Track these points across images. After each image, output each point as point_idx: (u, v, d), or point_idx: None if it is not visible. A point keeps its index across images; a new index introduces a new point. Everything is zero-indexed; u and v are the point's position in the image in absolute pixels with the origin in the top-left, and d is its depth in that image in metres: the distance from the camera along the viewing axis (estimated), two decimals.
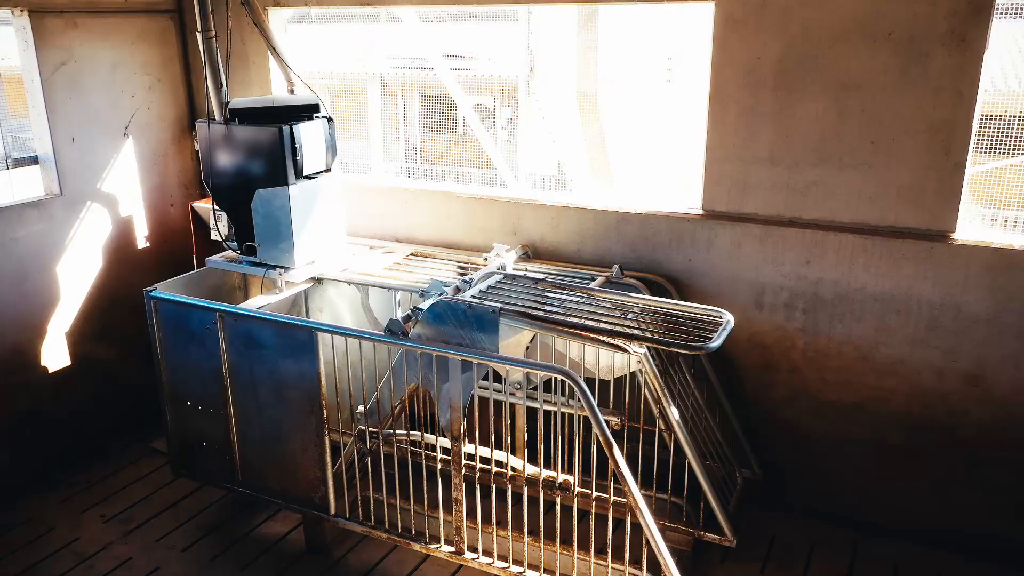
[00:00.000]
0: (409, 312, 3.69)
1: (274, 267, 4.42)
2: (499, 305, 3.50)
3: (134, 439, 5.33)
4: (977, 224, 3.95)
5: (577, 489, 3.50)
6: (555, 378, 3.61)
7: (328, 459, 4.02)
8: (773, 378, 4.37)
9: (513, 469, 3.69)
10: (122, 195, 5.21)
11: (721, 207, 4.25)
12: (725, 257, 4.27)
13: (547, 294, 3.81)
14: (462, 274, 4.64)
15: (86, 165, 4.97)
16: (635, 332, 3.35)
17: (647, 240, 4.43)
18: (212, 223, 4.87)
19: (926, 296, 3.90)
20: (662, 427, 3.94)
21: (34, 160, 4.86)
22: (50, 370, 4.93)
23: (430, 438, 3.83)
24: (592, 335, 3.38)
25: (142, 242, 5.39)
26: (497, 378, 4.22)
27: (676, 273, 4.40)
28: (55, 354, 4.95)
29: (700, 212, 4.31)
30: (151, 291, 4.30)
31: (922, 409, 4.07)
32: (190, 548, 4.33)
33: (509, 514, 3.80)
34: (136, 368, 5.28)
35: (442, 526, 3.86)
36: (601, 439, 3.27)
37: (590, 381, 4.20)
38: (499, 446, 3.86)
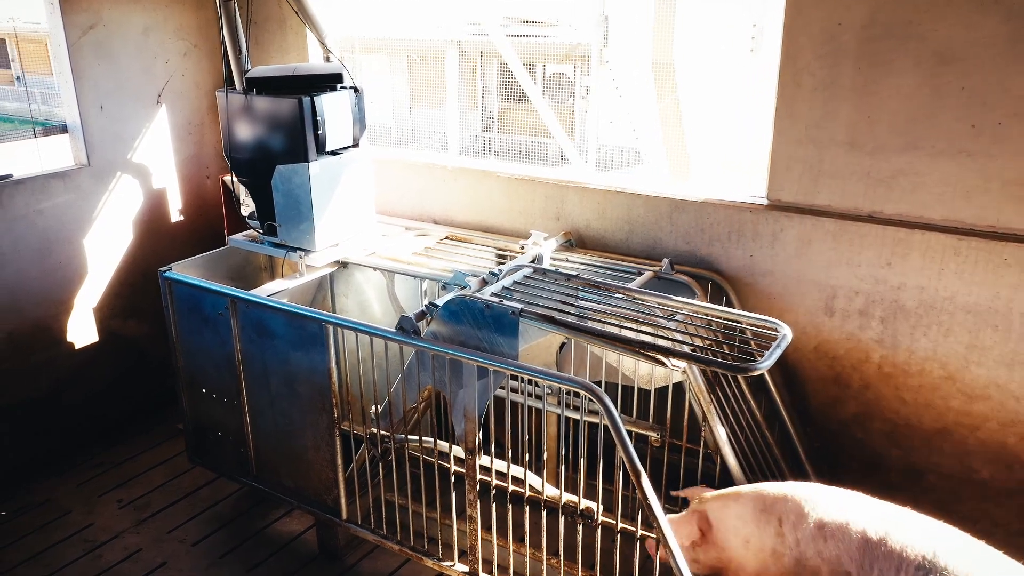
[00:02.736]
0: (424, 308, 3.32)
1: (295, 249, 4.12)
2: (520, 306, 3.09)
3: (161, 418, 5.17)
4: None
5: (601, 519, 3.09)
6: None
7: (340, 461, 3.71)
8: (843, 394, 3.84)
9: (532, 489, 3.30)
10: (154, 166, 5.00)
11: (789, 197, 3.71)
12: (792, 254, 3.74)
13: (579, 293, 3.38)
14: (500, 262, 4.25)
15: (115, 134, 4.77)
16: (671, 346, 2.89)
17: (703, 232, 3.93)
18: (240, 198, 4.61)
19: None
20: (708, 446, 3.49)
21: (63, 129, 4.69)
22: (76, 347, 4.79)
23: (444, 445, 3.47)
24: (622, 346, 2.94)
25: (175, 215, 5.18)
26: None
27: (734, 270, 3.89)
28: (81, 331, 4.80)
29: (764, 202, 3.78)
30: (165, 271, 4.07)
31: (1018, 441, 3.47)
32: (201, 542, 4.12)
33: (527, 534, 3.41)
34: (166, 346, 5.09)
35: (455, 540, 3.51)
36: (627, 466, 2.83)
37: (628, 390, 3.77)
38: (520, 458, 3.47)
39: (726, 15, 8.90)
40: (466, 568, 3.50)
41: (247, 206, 4.46)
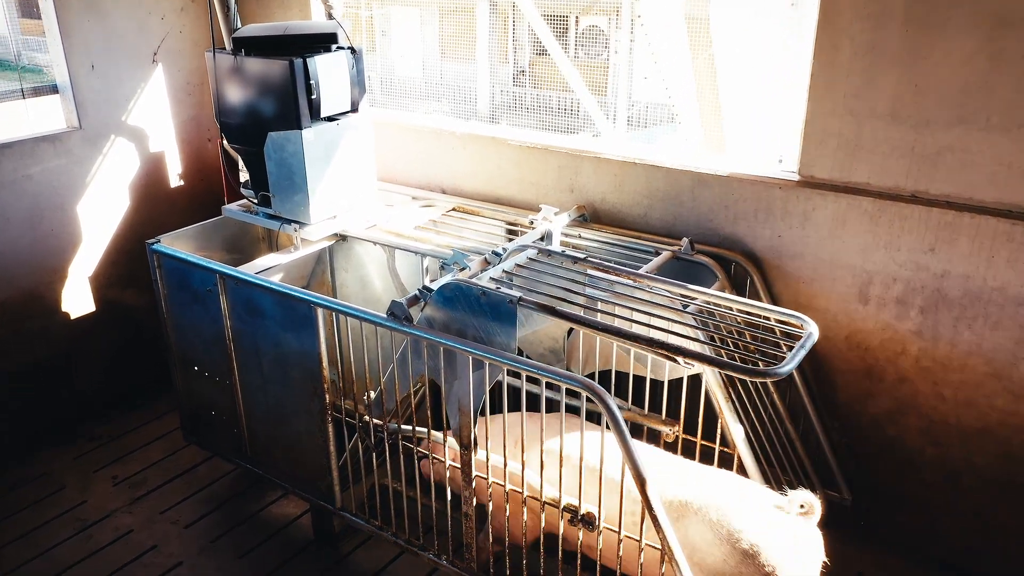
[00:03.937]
0: (417, 292, 3.07)
1: (289, 221, 3.88)
2: (518, 294, 2.82)
3: (164, 388, 5.01)
4: None
5: (603, 526, 2.85)
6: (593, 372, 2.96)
7: (332, 448, 3.51)
8: (876, 387, 3.53)
9: (531, 488, 3.06)
10: (151, 129, 4.77)
11: (823, 173, 3.37)
12: (824, 236, 3.41)
13: (587, 278, 3.10)
14: (509, 237, 3.97)
15: (108, 95, 4.53)
16: (681, 344, 2.61)
17: (727, 209, 3.61)
18: (241, 164, 4.38)
19: None
20: (726, 444, 3.23)
21: (54, 89, 4.46)
22: (72, 316, 4.63)
23: (438, 435, 3.26)
24: (629, 342, 2.67)
25: (175, 180, 4.96)
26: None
27: (760, 251, 3.58)
28: (78, 300, 4.63)
29: (796, 178, 3.44)
30: (153, 243, 3.86)
31: None
32: (193, 525, 3.98)
33: (526, 532, 3.19)
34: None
35: (450, 531, 3.31)
36: (631, 471, 2.59)
37: (641, 379, 3.50)
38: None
39: None
40: (462, 563, 3.30)
41: (246, 172, 4.22)
